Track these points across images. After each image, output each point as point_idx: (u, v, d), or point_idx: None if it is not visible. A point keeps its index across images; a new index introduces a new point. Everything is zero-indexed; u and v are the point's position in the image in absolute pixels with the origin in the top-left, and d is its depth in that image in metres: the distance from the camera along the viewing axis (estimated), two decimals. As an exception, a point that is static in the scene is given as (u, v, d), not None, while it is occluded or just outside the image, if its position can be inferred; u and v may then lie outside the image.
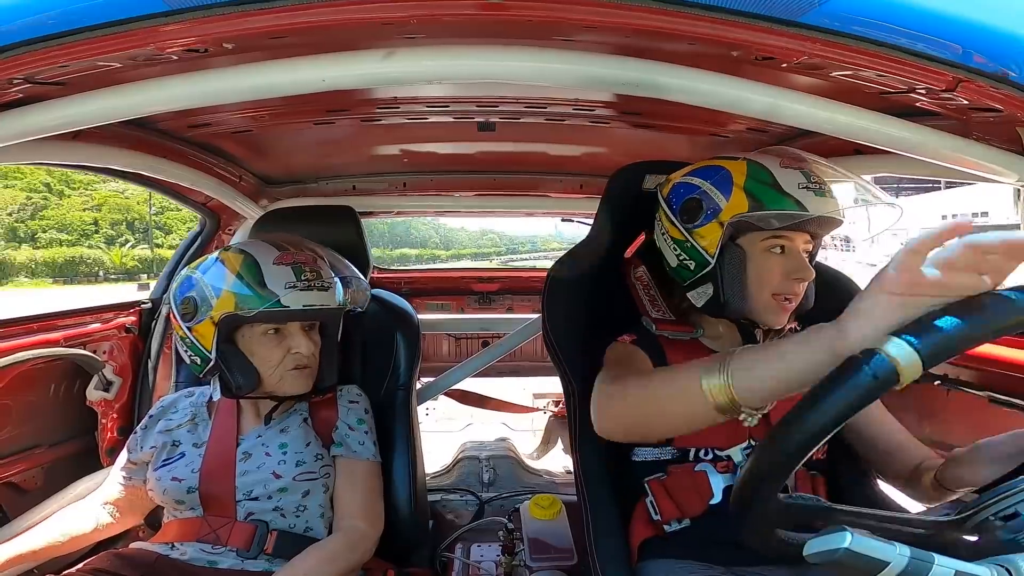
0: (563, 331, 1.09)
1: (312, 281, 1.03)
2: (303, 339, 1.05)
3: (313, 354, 1.07)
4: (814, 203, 0.85)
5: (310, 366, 1.07)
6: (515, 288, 2.66)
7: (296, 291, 1.01)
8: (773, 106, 0.74)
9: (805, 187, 0.86)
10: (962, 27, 0.60)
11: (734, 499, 0.57)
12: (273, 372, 1.04)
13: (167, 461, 1.07)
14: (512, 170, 1.89)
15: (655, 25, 0.61)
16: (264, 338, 1.04)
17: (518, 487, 2.00)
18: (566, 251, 1.18)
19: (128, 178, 1.40)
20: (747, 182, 0.88)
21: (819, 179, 0.87)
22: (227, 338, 1.03)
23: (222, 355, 1.03)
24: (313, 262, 1.07)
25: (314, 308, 1.03)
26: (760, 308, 0.91)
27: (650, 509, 0.94)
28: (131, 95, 0.73)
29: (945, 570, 0.46)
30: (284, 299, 1.00)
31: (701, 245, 0.91)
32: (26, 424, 1.37)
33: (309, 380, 1.08)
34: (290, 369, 1.05)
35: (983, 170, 0.81)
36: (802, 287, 0.91)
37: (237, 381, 1.03)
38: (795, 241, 0.90)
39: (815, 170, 0.88)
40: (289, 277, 1.01)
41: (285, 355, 1.04)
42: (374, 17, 0.62)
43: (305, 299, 1.02)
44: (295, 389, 1.07)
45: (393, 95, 1.17)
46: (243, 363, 1.03)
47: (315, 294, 1.03)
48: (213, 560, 0.99)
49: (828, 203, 0.86)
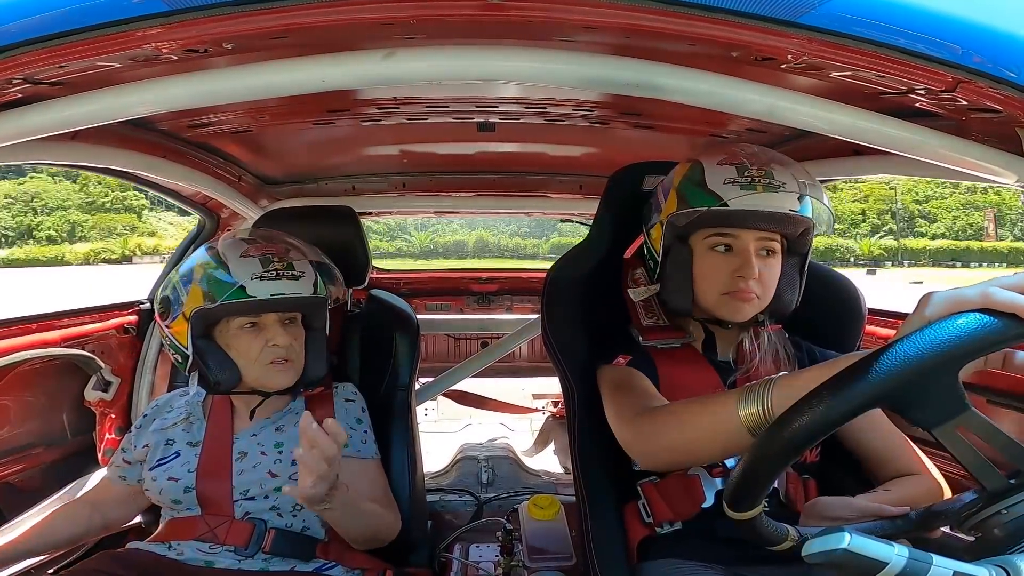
0: (563, 332, 1.09)
1: (281, 270, 1.02)
2: (280, 331, 1.03)
3: (292, 346, 1.05)
4: (737, 198, 0.85)
5: (291, 359, 1.05)
6: (514, 289, 2.67)
7: (262, 280, 1.00)
8: (772, 107, 0.74)
9: (732, 182, 0.85)
10: (961, 28, 0.60)
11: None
12: (253, 366, 1.03)
13: (162, 460, 1.07)
14: (512, 170, 1.89)
15: (655, 26, 0.61)
16: (241, 332, 1.03)
17: (517, 487, 2.00)
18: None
19: (127, 178, 1.40)
20: (680, 182, 0.91)
21: (756, 174, 0.85)
22: (204, 334, 1.03)
23: (199, 351, 1.02)
24: (285, 252, 1.06)
25: (283, 297, 1.01)
26: (712, 306, 0.91)
27: (642, 512, 0.94)
28: (130, 95, 0.73)
29: (943, 570, 0.46)
30: (249, 289, 0.99)
31: (653, 246, 0.96)
32: (24, 424, 1.37)
33: (291, 374, 1.06)
34: (268, 363, 1.03)
35: (982, 171, 0.81)
36: (752, 285, 0.88)
37: (215, 376, 1.03)
38: (741, 239, 0.89)
39: (761, 165, 0.86)
40: (255, 268, 1.01)
41: (263, 348, 1.03)
42: (374, 17, 0.62)
43: (272, 288, 1.00)
44: (277, 383, 1.05)
45: (393, 95, 1.17)
46: (220, 358, 1.03)
47: (283, 283, 1.01)
48: (210, 560, 0.99)
49: (756, 198, 0.85)
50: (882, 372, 0.46)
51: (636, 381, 0.92)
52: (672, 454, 0.78)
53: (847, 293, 1.12)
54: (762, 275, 0.89)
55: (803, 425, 0.49)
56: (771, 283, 0.91)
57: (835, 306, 1.10)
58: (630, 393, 0.90)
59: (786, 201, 0.86)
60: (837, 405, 0.47)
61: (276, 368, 1.04)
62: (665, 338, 0.97)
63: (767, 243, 0.90)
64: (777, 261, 0.92)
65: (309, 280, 1.05)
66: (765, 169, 0.87)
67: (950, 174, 0.91)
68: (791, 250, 0.94)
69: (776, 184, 0.86)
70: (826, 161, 1.25)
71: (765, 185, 0.85)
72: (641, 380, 0.92)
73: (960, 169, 0.83)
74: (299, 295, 1.03)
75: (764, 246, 0.90)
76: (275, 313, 1.04)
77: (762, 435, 0.54)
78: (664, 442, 0.78)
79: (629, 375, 0.93)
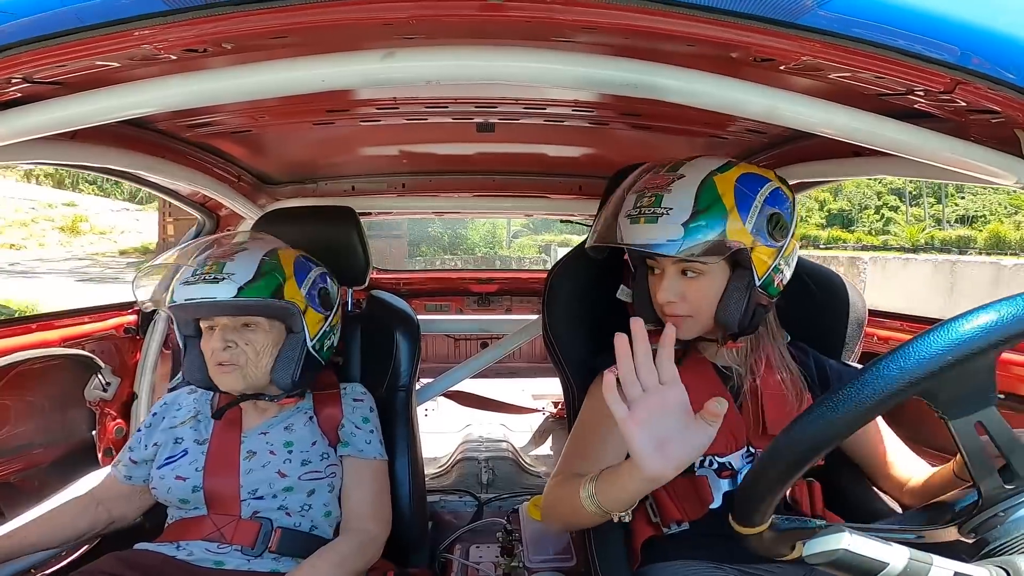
0: (563, 332, 1.09)
1: (205, 274, 1.02)
2: (219, 334, 1.04)
3: (236, 350, 1.03)
4: (627, 231, 0.87)
5: (236, 363, 1.03)
6: (513, 289, 2.67)
7: (184, 285, 1.02)
8: (771, 108, 0.74)
9: (627, 215, 0.87)
10: (960, 29, 0.60)
11: (739, 492, 0.57)
12: (208, 367, 1.05)
13: (170, 459, 1.07)
14: (511, 171, 1.89)
15: (654, 26, 0.61)
16: (204, 333, 1.07)
17: (517, 488, 2.00)
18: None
19: (126, 177, 1.40)
20: (612, 209, 0.94)
21: (645, 204, 0.85)
22: (194, 333, 1.09)
23: (183, 347, 1.10)
24: (228, 255, 1.05)
25: (191, 301, 1.01)
26: (663, 320, 0.92)
27: (648, 511, 0.94)
28: (129, 95, 0.73)
29: (944, 571, 0.46)
30: (176, 293, 1.02)
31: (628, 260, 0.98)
32: (24, 424, 1.37)
33: (235, 377, 1.04)
34: (215, 364, 1.04)
35: (981, 172, 0.81)
36: (678, 307, 0.88)
37: (186, 372, 1.09)
38: (660, 263, 0.90)
39: (656, 190, 0.86)
40: (186, 274, 1.03)
41: (213, 350, 1.04)
42: (373, 17, 0.62)
43: (187, 292, 1.01)
44: (222, 384, 1.05)
45: (392, 95, 1.17)
46: (194, 355, 1.08)
47: (199, 287, 1.01)
48: (219, 560, 0.98)
49: (636, 231, 0.85)
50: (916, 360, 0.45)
51: (601, 416, 0.91)
52: (554, 522, 0.89)
53: (835, 290, 1.12)
54: (687, 296, 0.88)
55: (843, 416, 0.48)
56: (700, 302, 0.88)
57: (823, 303, 1.10)
58: (579, 442, 0.93)
59: (663, 231, 0.82)
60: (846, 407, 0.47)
61: (219, 370, 1.04)
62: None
63: (684, 264, 0.88)
64: (705, 281, 0.88)
65: (234, 283, 1.01)
66: (657, 194, 0.85)
67: (949, 175, 0.91)
68: (738, 263, 0.87)
69: (658, 213, 0.83)
70: (825, 162, 1.25)
71: (647, 216, 0.84)
72: (600, 425, 0.91)
73: (959, 170, 0.82)
74: (210, 299, 1.01)
75: (684, 267, 0.88)
76: (225, 317, 1.04)
77: (764, 452, 0.55)
78: (550, 511, 0.88)
79: (597, 416, 0.92)
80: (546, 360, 1.15)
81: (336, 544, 1.00)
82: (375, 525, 1.06)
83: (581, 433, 0.94)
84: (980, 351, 0.45)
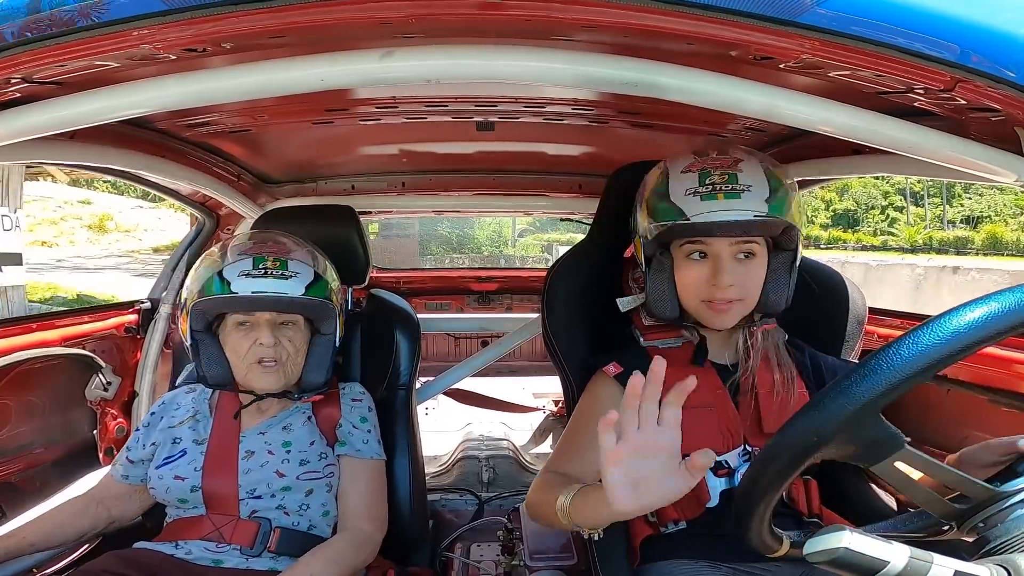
0: (563, 330, 1.09)
1: (271, 269, 1.01)
2: (267, 331, 1.03)
3: (281, 348, 1.04)
4: (697, 208, 0.84)
5: (278, 361, 1.04)
6: (514, 288, 2.67)
7: (248, 278, 1.00)
8: (771, 106, 0.74)
9: (692, 192, 0.85)
10: (960, 27, 0.60)
11: (739, 492, 0.57)
12: (241, 365, 1.04)
13: (168, 459, 1.07)
14: (511, 170, 1.89)
15: (654, 25, 0.61)
16: (234, 330, 1.04)
17: (517, 486, 2.00)
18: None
19: (126, 177, 1.40)
20: (648, 195, 0.90)
21: (718, 181, 0.84)
22: (205, 328, 1.05)
23: (195, 344, 1.05)
24: (285, 253, 1.05)
25: (265, 295, 1.01)
26: (695, 313, 0.91)
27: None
28: (128, 95, 0.73)
29: (944, 570, 0.46)
30: (234, 285, 1.00)
31: (637, 255, 0.95)
32: (25, 424, 1.37)
33: (277, 377, 1.05)
34: (254, 362, 1.03)
35: (981, 170, 0.81)
36: (730, 292, 0.87)
37: (202, 370, 1.05)
38: (713, 246, 0.87)
39: (724, 169, 0.85)
40: (246, 265, 1.01)
41: (251, 347, 1.03)
42: (372, 16, 0.62)
43: (255, 286, 1.00)
44: (261, 384, 1.05)
45: (392, 95, 1.17)
46: (213, 353, 1.04)
47: (269, 281, 1.00)
48: (218, 559, 0.99)
49: (717, 208, 0.83)
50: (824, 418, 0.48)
51: (597, 413, 0.91)
52: (537, 519, 0.89)
53: (835, 288, 1.12)
54: (741, 280, 0.87)
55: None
56: (752, 286, 0.89)
57: (823, 301, 1.10)
58: (569, 440, 0.93)
59: (750, 205, 0.83)
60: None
61: (260, 368, 1.03)
62: (665, 337, 0.97)
63: (743, 247, 0.87)
64: (757, 263, 0.89)
65: (302, 281, 1.03)
66: (730, 172, 0.85)
67: (949, 173, 0.91)
68: (779, 246, 0.90)
69: (739, 189, 0.83)
70: (825, 160, 1.24)
71: (727, 192, 0.83)
72: (590, 426, 0.91)
73: (959, 168, 0.82)
74: (284, 295, 1.02)
75: (740, 250, 0.87)
76: (268, 313, 1.03)
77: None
78: (533, 509, 0.88)
79: (599, 403, 0.92)
80: (547, 358, 1.15)
81: (331, 542, 1.01)
82: (371, 524, 1.06)
83: (573, 431, 0.94)
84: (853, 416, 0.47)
